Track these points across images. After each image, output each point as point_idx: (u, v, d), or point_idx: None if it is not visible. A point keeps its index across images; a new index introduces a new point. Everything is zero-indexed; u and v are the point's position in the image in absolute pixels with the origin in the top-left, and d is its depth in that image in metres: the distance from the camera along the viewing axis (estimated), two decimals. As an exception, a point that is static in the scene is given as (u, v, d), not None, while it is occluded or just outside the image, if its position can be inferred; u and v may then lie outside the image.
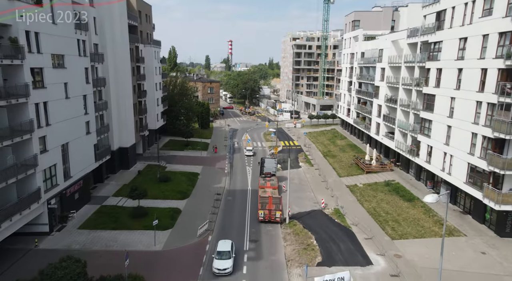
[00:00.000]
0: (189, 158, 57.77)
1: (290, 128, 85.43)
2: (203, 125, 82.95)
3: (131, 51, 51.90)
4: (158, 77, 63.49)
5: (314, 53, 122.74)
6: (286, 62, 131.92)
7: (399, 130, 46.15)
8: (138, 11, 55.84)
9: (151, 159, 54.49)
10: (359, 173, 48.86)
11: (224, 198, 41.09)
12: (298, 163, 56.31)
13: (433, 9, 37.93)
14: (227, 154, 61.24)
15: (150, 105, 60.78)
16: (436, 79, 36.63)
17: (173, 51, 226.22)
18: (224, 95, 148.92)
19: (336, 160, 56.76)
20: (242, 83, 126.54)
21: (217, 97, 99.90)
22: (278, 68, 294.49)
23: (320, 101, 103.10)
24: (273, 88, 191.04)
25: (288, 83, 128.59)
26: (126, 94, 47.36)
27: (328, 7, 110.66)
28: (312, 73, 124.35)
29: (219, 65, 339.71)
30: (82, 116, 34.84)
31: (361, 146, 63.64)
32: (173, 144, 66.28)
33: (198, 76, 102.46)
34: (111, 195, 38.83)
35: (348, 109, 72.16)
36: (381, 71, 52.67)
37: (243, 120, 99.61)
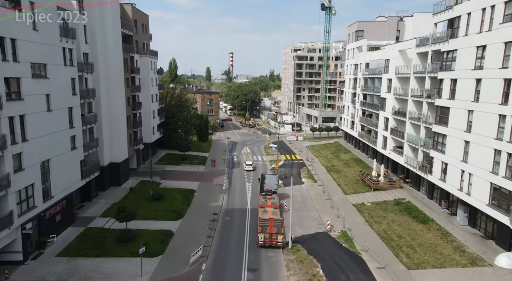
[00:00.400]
0: (186, 173, 54.79)
1: (292, 141, 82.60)
2: (202, 138, 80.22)
3: (125, 61, 49.56)
4: (154, 88, 61.07)
5: (316, 64, 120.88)
6: (287, 73, 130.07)
7: (408, 144, 43.26)
8: (134, 20, 53.74)
9: (145, 174, 51.46)
10: (366, 190, 45.75)
11: (221, 219, 37.95)
12: (300, 179, 53.25)
13: (445, 16, 35.52)
14: (225, 169, 58.26)
15: (146, 118, 58.16)
16: (451, 91, 33.93)
17: (174, 63, 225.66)
18: (225, 107, 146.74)
19: (341, 175, 53.71)
20: (243, 95, 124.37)
21: (217, 109, 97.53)
22: (279, 80, 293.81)
23: (322, 113, 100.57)
24: (274, 100, 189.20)
25: (289, 95, 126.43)
26: (119, 106, 44.73)
27: (330, 18, 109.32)
28: (313, 84, 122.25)
29: (220, 77, 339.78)
30: (67, 130, 32.07)
31: (366, 160, 60.64)
32: (169, 158, 63.38)
33: (197, 88, 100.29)
34: (98, 216, 35.73)
35: (352, 122, 69.43)
36: (387, 82, 50.11)
37: (243, 133, 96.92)
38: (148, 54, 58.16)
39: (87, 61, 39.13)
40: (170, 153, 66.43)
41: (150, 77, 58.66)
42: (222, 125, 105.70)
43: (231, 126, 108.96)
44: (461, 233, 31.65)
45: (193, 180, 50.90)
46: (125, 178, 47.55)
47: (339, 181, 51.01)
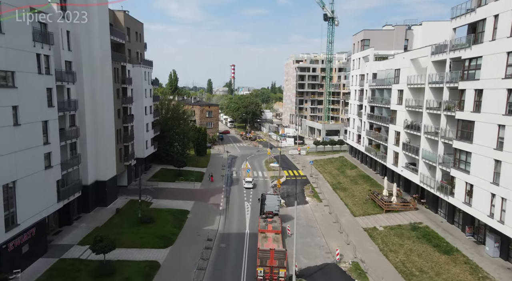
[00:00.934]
0: (180, 191, 50.66)
1: (294, 155, 78.54)
2: (200, 152, 76.29)
3: (116, 71, 46.13)
4: (148, 99, 57.52)
5: (319, 76, 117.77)
6: (289, 85, 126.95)
7: (424, 161, 39.16)
8: (127, 28, 50.54)
9: (136, 192, 47.23)
10: (377, 211, 41.45)
11: (216, 246, 33.67)
12: (304, 198, 49.02)
13: (465, 20, 31.95)
14: (223, 186, 54.10)
15: (139, 131, 54.44)
16: (475, 102, 30.07)
17: (174, 75, 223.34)
18: (225, 119, 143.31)
19: (348, 194, 49.46)
20: (243, 107, 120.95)
21: (216, 122, 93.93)
22: (280, 92, 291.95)
23: (326, 126, 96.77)
24: (275, 112, 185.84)
25: (291, 107, 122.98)
26: (106, 118, 40.98)
27: (333, 28, 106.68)
28: (316, 96, 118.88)
29: (222, 89, 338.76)
30: (40, 146, 28.23)
31: (374, 177, 56.43)
32: (164, 174, 59.31)
33: (196, 100, 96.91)
34: (76, 243, 31.54)
35: (358, 135, 65.46)
36: (398, 93, 46.35)
37: (243, 146, 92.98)
38: (142, 64, 54.81)
39: (69, 69, 35.61)
40: (165, 169, 62.42)
41: (144, 88, 55.18)
42: (222, 138, 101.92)
43: (231, 139, 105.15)
44: (493, 267, 27.29)
45: (188, 199, 46.75)
46: (113, 198, 43.45)
47: (347, 201, 46.74)
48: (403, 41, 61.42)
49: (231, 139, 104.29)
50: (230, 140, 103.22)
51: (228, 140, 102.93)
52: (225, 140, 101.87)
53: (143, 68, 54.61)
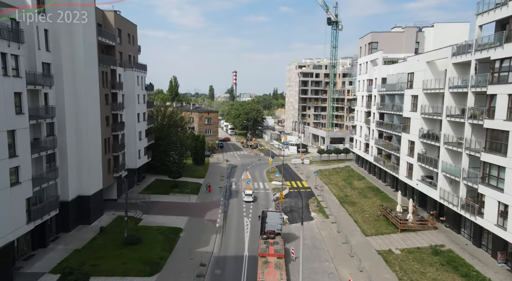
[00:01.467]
0: (174, 205, 46.60)
1: (297, 165, 74.40)
2: (197, 161, 72.33)
3: (104, 75, 42.43)
4: (141, 106, 53.77)
5: (322, 81, 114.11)
6: (291, 91, 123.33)
7: (444, 175, 35.01)
8: (118, 29, 46.99)
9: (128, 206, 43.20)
10: (390, 230, 37.19)
11: (210, 272, 29.48)
12: (309, 213, 44.83)
13: (494, 16, 28.09)
14: (221, 200, 50.01)
15: (130, 140, 50.59)
16: (509, 109, 26.03)
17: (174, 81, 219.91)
18: (225, 126, 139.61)
19: (357, 209, 45.24)
20: (244, 113, 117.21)
21: (215, 129, 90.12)
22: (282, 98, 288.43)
23: (330, 133, 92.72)
24: (277, 119, 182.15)
25: (293, 114, 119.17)
26: (91, 126, 37.15)
27: (337, 33, 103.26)
28: (320, 102, 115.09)
29: (223, 95, 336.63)
30: (5, 160, 24.31)
31: (384, 189, 52.22)
32: (157, 185, 55.28)
33: (194, 106, 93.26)
34: (47, 271, 27.42)
35: (366, 144, 61.39)
36: (412, 99, 42.37)
37: (244, 155, 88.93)
38: (135, 68, 51.16)
39: (48, 72, 31.87)
40: (160, 180, 58.40)
41: (137, 94, 51.46)
42: (222, 145, 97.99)
43: (231, 147, 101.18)
44: (537, 305, 23.01)
45: (182, 214, 42.66)
46: (98, 214, 39.41)
47: (356, 217, 42.50)
48: (414, 44, 57.62)
49: (231, 147, 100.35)
50: (230, 148, 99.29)
51: (228, 148, 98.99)
52: (225, 148, 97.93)
53: (135, 72, 50.96)
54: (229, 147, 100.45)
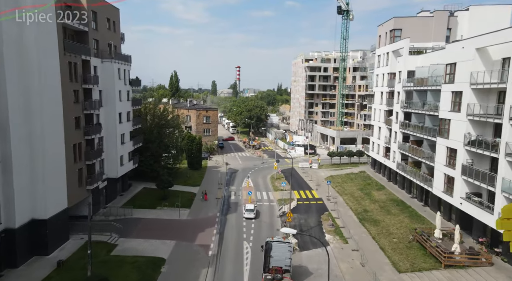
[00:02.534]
0: (160, 223, 38.83)
1: (305, 169, 66.34)
2: (193, 165, 64.45)
3: (72, 67, 34.51)
4: (124, 104, 45.86)
5: (331, 76, 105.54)
6: (297, 86, 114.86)
7: (505, 196, 26.79)
8: (92, 11, 38.96)
9: (102, 226, 35.59)
10: (430, 265, 29.13)
11: None
12: (323, 235, 36.82)
13: None
14: (217, 215, 42.19)
15: (110, 144, 42.81)
16: None
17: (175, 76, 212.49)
18: (227, 124, 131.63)
19: (381, 230, 37.16)
20: (247, 111, 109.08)
21: (214, 128, 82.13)
22: (287, 94, 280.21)
23: (341, 133, 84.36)
24: (282, 115, 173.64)
25: (299, 111, 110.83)
26: (48, 131, 29.31)
27: (347, 23, 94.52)
28: (328, 99, 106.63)
29: (227, 91, 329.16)
30: None
31: (411, 203, 44.13)
32: (144, 196, 47.54)
33: (192, 103, 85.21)
34: None
35: (386, 148, 53.16)
36: (452, 96, 34.06)
37: (246, 157, 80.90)
38: (115, 59, 43.17)
39: (-20, 61, 23.99)
40: (148, 189, 50.67)
41: (118, 89, 43.53)
42: (222, 146, 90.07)
43: (232, 147, 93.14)
44: None
45: (168, 237, 34.86)
46: (61, 240, 31.66)
47: (382, 242, 34.42)
48: (445, 31, 49.12)
49: (232, 148, 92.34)
50: (231, 148, 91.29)
51: (229, 148, 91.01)
52: (226, 148, 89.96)
53: (116, 64, 42.97)
54: (230, 147, 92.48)
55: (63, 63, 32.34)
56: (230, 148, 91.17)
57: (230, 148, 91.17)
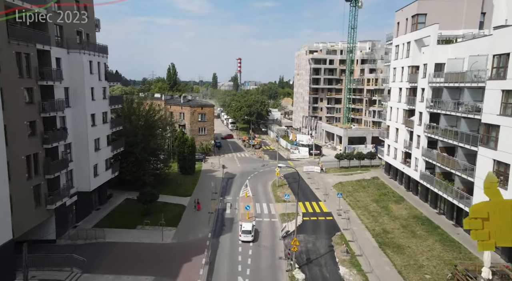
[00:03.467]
0: (138, 250, 32.06)
1: (311, 174, 59.39)
2: (185, 169, 57.55)
3: (22, 59, 27.42)
4: (99, 103, 38.75)
5: (337, 69, 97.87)
6: (301, 80, 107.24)
7: None
8: (54, -9, 31.63)
9: (66, 250, 28.82)
10: (480, 318, 22.28)
11: None
12: (336, 266, 29.96)
13: None
14: (208, 236, 35.41)
15: (81, 152, 35.88)
16: None
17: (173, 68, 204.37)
18: (226, 120, 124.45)
19: (409, 260, 30.25)
20: (247, 106, 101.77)
21: (211, 127, 74.94)
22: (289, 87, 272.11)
23: (349, 131, 77.10)
24: (283, 110, 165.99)
25: (303, 106, 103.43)
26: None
27: (356, 11, 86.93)
28: (334, 93, 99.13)
29: (227, 83, 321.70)
30: None
31: (439, 221, 37.18)
32: (125, 211, 40.76)
33: (186, 99, 77.75)
34: None
35: (405, 153, 46.08)
36: (503, 96, 26.82)
37: (245, 158, 73.89)
38: (87, 50, 35.93)
39: None
40: (132, 200, 43.88)
41: (89, 86, 36.41)
42: (219, 145, 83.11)
43: (230, 146, 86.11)
44: None
45: (144, 272, 28.10)
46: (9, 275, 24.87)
47: (411, 278, 27.53)
48: (478, 15, 41.57)
49: (230, 147, 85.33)
50: (229, 148, 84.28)
51: (227, 148, 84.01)
52: (223, 148, 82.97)
53: (87, 56, 35.77)
54: (228, 147, 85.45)
55: (6, 53, 25.23)
56: (228, 148, 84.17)
57: (228, 148, 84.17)
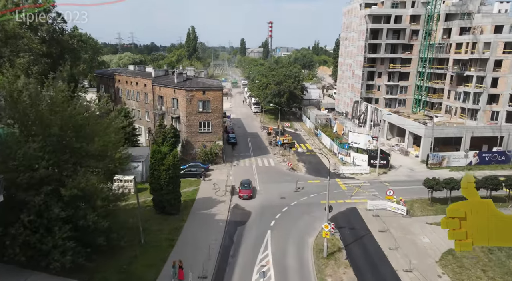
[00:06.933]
0: None
1: (382, 216, 33.35)
2: (163, 205, 33.39)
3: None
4: None
5: (406, 30, 67.38)
6: (350, 46, 77.64)
7: None
8: None
9: None
10: None
11: None
12: None
13: None
14: None
15: None
16: None
17: (192, 33, 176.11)
18: (249, 98, 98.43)
19: None
20: (275, 83, 74.89)
21: (217, 121, 49.18)
22: (325, 54, 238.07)
23: (435, 128, 48.73)
24: (321, 83, 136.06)
25: (352, 83, 74.71)
26: None
27: None
28: (398, 66, 69.59)
29: (257, 50, 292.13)
30: None
31: None
32: None
33: (182, 77, 51.24)
34: None
35: None
36: None
37: (269, 169, 48.36)
38: None
39: None
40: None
41: None
42: (235, 142, 58.46)
43: (250, 143, 60.56)
44: None
45: None
46: None
47: None
48: None
49: (250, 144, 59.93)
50: (247, 146, 58.98)
51: (245, 145, 58.81)
52: (240, 146, 57.88)
53: None
54: (247, 144, 60.10)
55: None
56: (247, 146, 58.91)
57: (247, 146, 58.91)
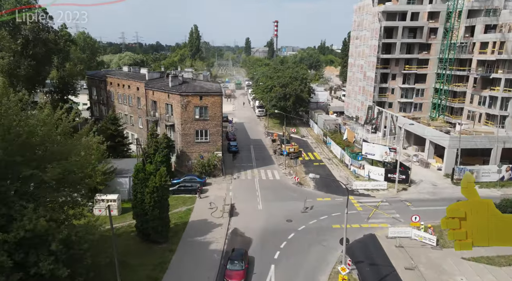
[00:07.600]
0: None
1: (407, 247, 28.02)
2: (148, 234, 28.44)
3: None
4: None
5: (424, 28, 61.64)
6: (361, 46, 72.10)
7: None
8: None
9: None
10: None
11: None
12: None
13: None
14: None
15: None
16: None
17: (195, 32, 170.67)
18: (252, 101, 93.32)
19: None
20: (280, 86, 69.64)
21: (216, 129, 44.12)
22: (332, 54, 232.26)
23: (463, 138, 43.09)
24: (328, 83, 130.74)
25: (363, 86, 69.19)
26: None
27: None
28: (414, 67, 63.96)
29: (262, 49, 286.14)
30: None
31: None
32: None
33: (177, 81, 45.97)
34: None
35: None
36: None
37: (273, 183, 43.18)
38: None
39: None
40: None
41: None
42: (236, 150, 53.49)
43: (253, 151, 55.34)
44: None
45: None
46: None
47: None
48: None
49: (252, 153, 54.76)
50: (250, 155, 53.82)
51: (247, 154, 53.64)
52: (242, 155, 52.74)
53: None
54: (250, 152, 54.93)
55: None
56: (249, 155, 53.74)
57: (249, 155, 53.74)
